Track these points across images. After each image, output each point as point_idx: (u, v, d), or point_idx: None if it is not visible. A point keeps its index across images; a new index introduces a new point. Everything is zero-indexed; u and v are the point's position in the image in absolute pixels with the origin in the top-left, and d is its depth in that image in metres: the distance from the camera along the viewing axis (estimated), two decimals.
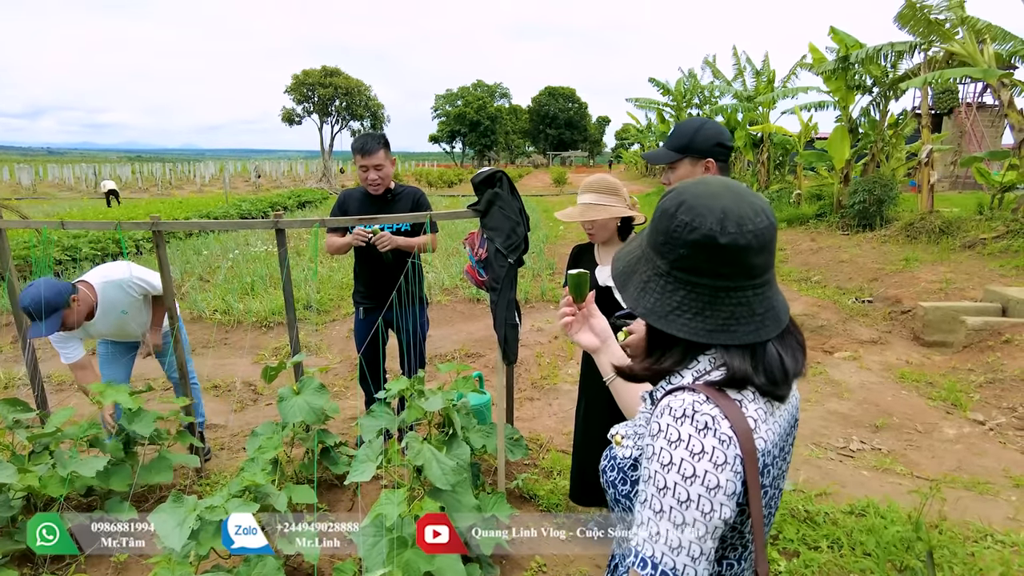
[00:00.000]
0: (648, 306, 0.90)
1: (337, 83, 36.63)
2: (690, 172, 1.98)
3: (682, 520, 0.80)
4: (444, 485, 1.95)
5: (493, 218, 2.91)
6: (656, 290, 0.90)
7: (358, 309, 3.43)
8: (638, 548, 0.82)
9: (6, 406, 2.72)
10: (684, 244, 0.86)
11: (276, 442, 2.66)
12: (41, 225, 3.01)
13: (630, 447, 0.97)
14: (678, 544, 0.80)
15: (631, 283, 0.94)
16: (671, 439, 0.82)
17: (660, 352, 0.93)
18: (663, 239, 0.89)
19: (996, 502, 3.09)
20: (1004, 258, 7.60)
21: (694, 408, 0.83)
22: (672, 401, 0.85)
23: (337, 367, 5.26)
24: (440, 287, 7.74)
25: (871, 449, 3.74)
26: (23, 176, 34.05)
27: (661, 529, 0.81)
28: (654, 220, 0.92)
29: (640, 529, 0.83)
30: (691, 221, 0.85)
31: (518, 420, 4.19)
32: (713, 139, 1.92)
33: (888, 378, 4.87)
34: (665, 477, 0.82)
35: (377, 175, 3.13)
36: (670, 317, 0.88)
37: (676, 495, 0.81)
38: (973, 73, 9.01)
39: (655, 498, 0.82)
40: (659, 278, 0.90)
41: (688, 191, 0.90)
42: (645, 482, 0.85)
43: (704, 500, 0.80)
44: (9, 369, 5.15)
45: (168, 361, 3.35)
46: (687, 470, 0.81)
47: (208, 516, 2.06)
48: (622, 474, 0.97)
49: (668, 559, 0.80)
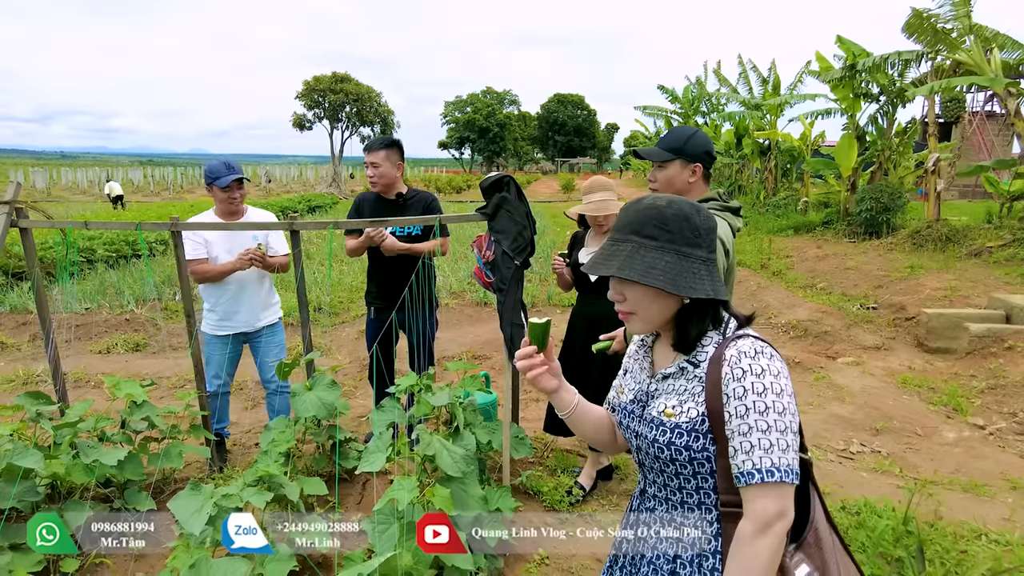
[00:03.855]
0: (711, 288, 1.10)
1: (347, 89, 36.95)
2: (679, 173, 2.08)
3: (785, 426, 1.03)
4: (455, 472, 2.04)
5: (500, 221, 3.00)
6: (707, 274, 1.11)
7: (370, 309, 3.53)
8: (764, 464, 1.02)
9: (29, 399, 2.82)
10: (711, 230, 1.13)
11: (289, 436, 2.76)
12: (65, 225, 3.13)
13: (689, 409, 1.12)
14: (788, 445, 1.03)
15: (685, 280, 1.10)
16: (757, 372, 1.05)
17: (708, 319, 1.14)
18: (697, 234, 1.11)
19: (993, 503, 3.14)
20: (1010, 266, 7.63)
21: (759, 345, 1.08)
22: (739, 347, 1.08)
23: (347, 367, 5.36)
24: (448, 291, 7.84)
25: (871, 452, 3.79)
26: (37, 179, 34.52)
27: (775, 439, 1.02)
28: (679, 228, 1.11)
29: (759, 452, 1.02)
30: (708, 216, 1.14)
31: (524, 421, 4.27)
32: (703, 147, 2.05)
33: (890, 383, 4.92)
34: (765, 400, 1.03)
35: (374, 172, 3.27)
36: (721, 290, 1.11)
37: (778, 407, 1.03)
38: (980, 81, 9.05)
39: (764, 418, 1.03)
40: (703, 264, 1.11)
41: (682, 200, 1.14)
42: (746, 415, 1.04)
43: (792, 405, 1.06)
44: (28, 367, 5.28)
45: (260, 362, 3.53)
46: (775, 385, 1.04)
47: (224, 503, 2.15)
48: (694, 433, 1.11)
49: (785, 458, 1.02)
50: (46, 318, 3.14)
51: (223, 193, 3.21)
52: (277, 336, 3.57)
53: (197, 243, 3.25)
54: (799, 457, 1.13)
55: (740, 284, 8.61)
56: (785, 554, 1.06)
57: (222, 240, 3.30)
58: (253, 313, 3.42)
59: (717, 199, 2.12)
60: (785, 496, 1.02)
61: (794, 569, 1.07)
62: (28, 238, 3.08)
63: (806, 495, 1.17)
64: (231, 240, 3.30)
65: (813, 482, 1.19)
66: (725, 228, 2.01)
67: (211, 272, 3.20)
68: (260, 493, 2.22)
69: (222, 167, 3.24)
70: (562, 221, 17.99)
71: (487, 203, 3.04)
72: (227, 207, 3.26)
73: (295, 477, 2.66)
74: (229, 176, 3.18)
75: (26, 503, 2.40)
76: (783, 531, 1.02)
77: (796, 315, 6.60)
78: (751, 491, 1.03)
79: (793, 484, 1.02)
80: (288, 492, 2.36)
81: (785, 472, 1.01)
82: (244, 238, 3.31)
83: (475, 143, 68.30)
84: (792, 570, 1.07)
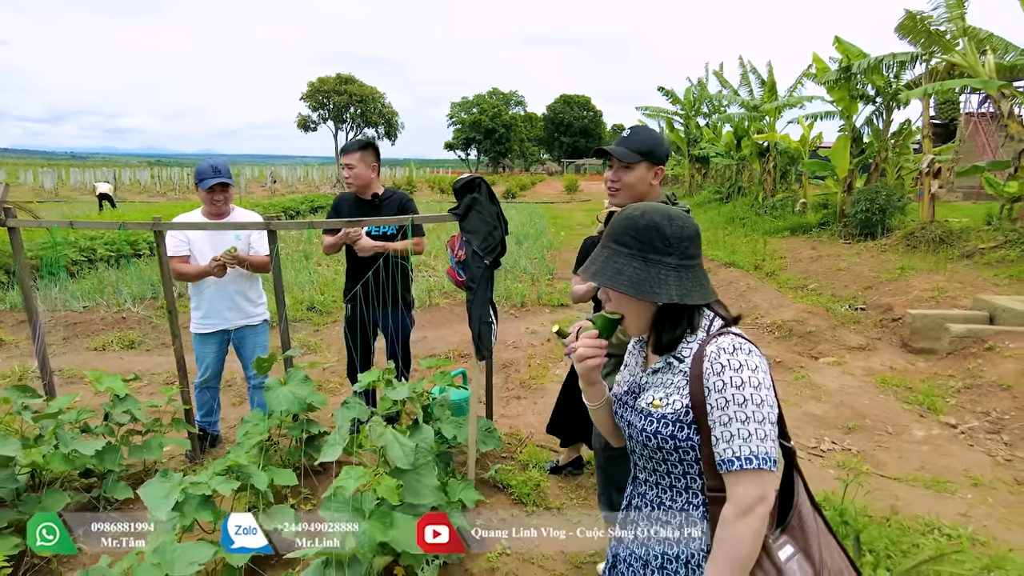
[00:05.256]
0: (676, 292, 1.18)
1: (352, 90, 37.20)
2: (644, 176, 2.11)
3: (764, 417, 1.11)
4: (404, 464, 2.13)
5: (471, 221, 3.09)
6: (675, 280, 1.19)
7: (347, 306, 3.63)
8: (743, 452, 1.10)
9: (16, 392, 2.94)
10: (684, 239, 1.21)
11: (262, 429, 2.86)
12: (51, 224, 3.24)
13: (674, 401, 1.21)
14: (766, 435, 1.11)
15: (649, 286, 1.19)
16: (736, 367, 1.13)
17: (684, 321, 1.23)
18: (667, 242, 1.20)
19: (952, 499, 3.21)
20: (999, 268, 7.65)
21: (738, 342, 1.16)
22: (720, 344, 1.16)
23: (335, 365, 5.46)
24: (439, 291, 7.93)
25: (841, 449, 3.86)
26: (46, 180, 34.90)
27: (754, 429, 1.10)
28: (647, 237, 1.21)
29: (738, 441, 1.11)
30: (683, 224, 1.22)
31: (503, 417, 4.36)
32: (666, 151, 2.13)
33: (869, 383, 4.97)
34: (743, 392, 1.12)
35: (349, 173, 3.39)
36: (692, 294, 1.20)
37: (755, 399, 1.12)
38: (973, 83, 9.07)
39: (742, 410, 1.11)
40: (672, 271, 1.20)
41: (656, 209, 1.23)
42: (726, 407, 1.12)
43: (771, 396, 1.14)
44: (24, 363, 5.41)
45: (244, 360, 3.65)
46: (753, 379, 1.13)
47: (192, 491, 2.25)
48: (679, 424, 1.20)
49: (763, 447, 1.10)
50: (33, 314, 3.26)
51: (206, 195, 3.33)
52: (261, 336, 3.67)
53: (180, 241, 3.37)
54: (783, 445, 1.25)
55: (731, 284, 8.67)
56: (770, 537, 1.15)
57: (205, 239, 3.41)
58: (236, 311, 3.52)
59: (667, 201, 2.20)
60: (764, 481, 1.10)
61: (778, 551, 1.15)
62: (16, 237, 3.20)
63: (791, 482, 1.26)
64: (214, 239, 3.40)
65: (797, 469, 1.27)
66: None
67: (188, 272, 3.31)
68: (227, 481, 2.32)
69: (209, 169, 3.35)
70: (562, 222, 18.07)
71: (459, 204, 3.13)
72: (210, 208, 3.37)
73: (268, 468, 2.76)
74: (212, 180, 3.29)
75: (6, 490, 2.52)
76: (764, 514, 1.10)
77: (782, 315, 6.66)
78: (732, 477, 1.11)
79: (772, 471, 1.10)
80: (256, 481, 2.46)
81: (763, 459, 1.09)
82: (227, 238, 3.41)
83: (481, 144, 68.45)
84: (776, 552, 1.15)
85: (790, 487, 1.25)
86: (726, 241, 12.13)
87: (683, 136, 23.55)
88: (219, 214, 3.39)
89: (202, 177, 3.32)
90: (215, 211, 3.37)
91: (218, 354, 3.59)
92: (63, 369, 5.27)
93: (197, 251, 3.39)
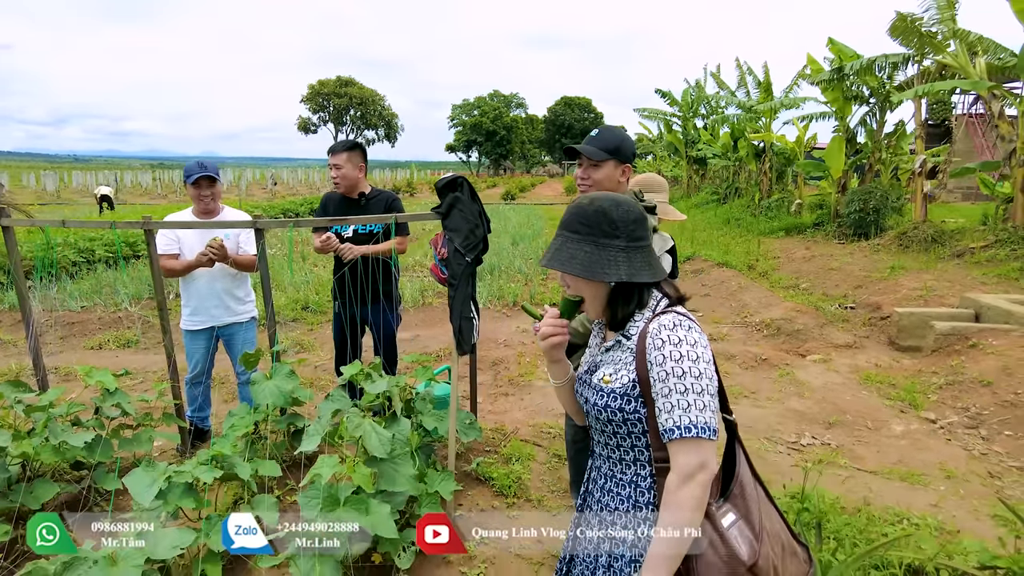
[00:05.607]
0: (625, 272, 1.26)
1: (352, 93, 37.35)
2: (612, 173, 2.20)
3: (701, 388, 1.18)
4: (380, 453, 2.20)
5: (453, 220, 3.17)
6: (624, 260, 1.27)
7: (334, 304, 3.71)
8: (682, 422, 1.18)
9: (9, 387, 3.02)
10: (631, 222, 1.29)
11: (248, 421, 2.93)
12: (44, 224, 3.32)
13: (622, 376, 1.29)
14: (704, 405, 1.18)
15: (603, 268, 1.28)
16: (675, 341, 1.21)
17: (633, 299, 1.32)
18: (614, 227, 1.28)
19: (925, 491, 3.27)
20: (989, 267, 7.71)
21: (678, 320, 1.24)
22: (661, 321, 1.25)
23: (327, 363, 5.53)
24: (433, 291, 8.01)
25: (820, 444, 3.92)
26: (48, 182, 35.09)
27: (692, 400, 1.18)
28: (595, 222, 1.30)
29: (678, 412, 1.18)
30: (628, 209, 1.30)
31: (491, 413, 4.44)
32: (632, 149, 2.21)
33: (852, 380, 5.04)
34: (682, 365, 1.19)
35: (336, 173, 3.48)
36: (641, 273, 1.27)
37: (694, 372, 1.19)
38: (963, 85, 9.14)
39: (681, 382, 1.19)
40: (621, 252, 1.28)
41: (603, 196, 1.32)
42: (666, 380, 1.20)
43: (709, 368, 1.21)
44: (21, 361, 5.49)
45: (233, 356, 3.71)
46: (691, 353, 1.20)
47: (176, 479, 2.33)
48: (627, 397, 1.27)
49: (701, 417, 1.17)
50: (27, 311, 3.34)
51: (193, 190, 3.41)
52: (249, 333, 3.75)
53: (169, 239, 3.45)
54: (724, 418, 1.34)
55: (722, 284, 8.73)
56: (713, 505, 1.23)
57: (195, 238, 3.49)
58: (224, 309, 3.60)
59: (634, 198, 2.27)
60: (704, 450, 1.17)
61: (721, 518, 1.23)
62: (10, 236, 3.28)
63: (733, 453, 1.35)
64: (203, 238, 3.48)
65: (739, 441, 1.36)
66: None
67: (176, 267, 3.39)
68: (210, 470, 2.40)
69: (195, 166, 3.44)
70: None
71: (441, 203, 3.21)
72: (198, 205, 3.45)
73: (253, 460, 2.83)
74: (197, 174, 3.37)
75: None
76: (705, 481, 1.17)
77: (771, 314, 6.73)
78: (674, 446, 1.19)
79: (711, 439, 1.17)
80: (239, 471, 2.53)
81: (702, 428, 1.16)
82: (217, 235, 3.49)
83: (482, 146, 68.60)
84: (720, 519, 1.23)
85: (732, 458, 1.34)
86: (720, 241, 12.20)
87: (681, 137, 23.62)
88: (208, 212, 3.47)
89: (188, 173, 3.40)
90: (203, 208, 3.45)
91: (207, 350, 3.67)
92: (59, 367, 5.35)
93: (187, 249, 3.47)
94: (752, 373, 5.22)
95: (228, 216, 3.58)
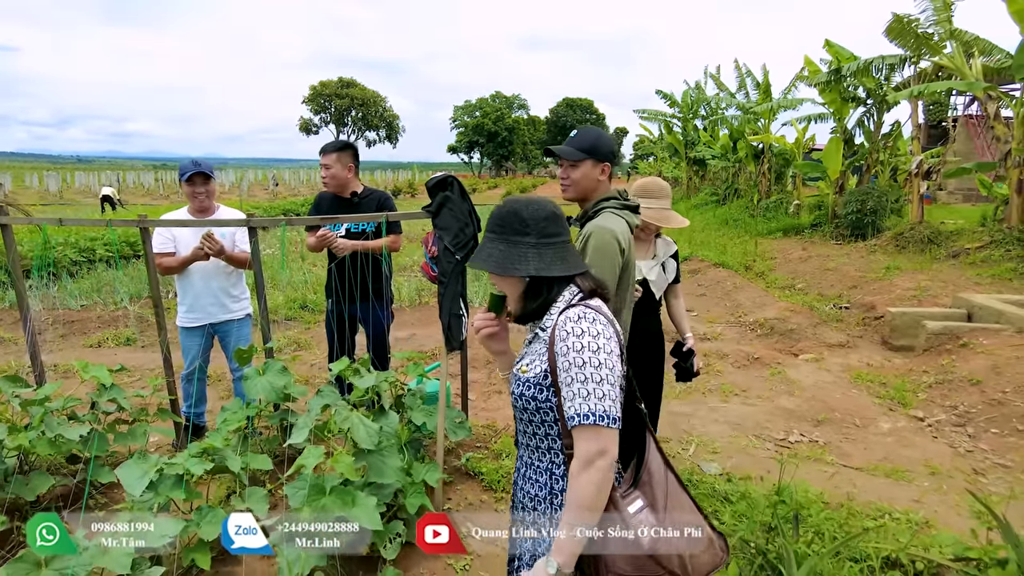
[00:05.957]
0: (534, 268, 1.34)
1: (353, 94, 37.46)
2: (589, 172, 2.22)
3: (600, 377, 1.23)
4: (368, 444, 2.25)
5: (443, 218, 3.22)
6: (534, 256, 1.35)
7: (328, 301, 3.77)
8: (581, 410, 1.22)
9: (7, 382, 3.08)
10: (541, 220, 1.36)
11: (240, 416, 2.98)
12: (41, 222, 3.38)
13: (535, 366, 1.36)
14: (604, 394, 1.23)
15: (514, 264, 1.36)
16: (578, 333, 1.26)
17: (544, 292, 1.38)
18: (524, 225, 1.36)
19: (909, 487, 3.32)
20: (983, 267, 7.75)
21: (582, 312, 1.30)
22: (567, 314, 1.30)
23: (322, 361, 5.58)
24: (430, 291, 8.05)
25: (808, 441, 3.96)
26: (51, 183, 35.23)
27: (591, 388, 1.23)
28: (508, 222, 1.38)
29: (578, 400, 1.23)
30: (539, 208, 1.38)
31: (483, 410, 4.49)
32: (609, 147, 2.21)
33: (843, 378, 5.08)
34: (582, 356, 1.24)
35: (326, 173, 3.54)
36: (552, 268, 1.34)
37: (593, 362, 1.24)
38: (959, 86, 9.17)
39: (581, 371, 1.23)
40: (531, 248, 1.35)
41: (518, 198, 1.41)
42: (568, 369, 1.25)
43: (611, 358, 1.26)
44: (20, 359, 5.55)
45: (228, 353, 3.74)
46: (592, 344, 1.25)
47: (168, 471, 2.38)
48: (539, 386, 1.34)
49: (600, 405, 1.22)
50: (24, 308, 3.40)
51: (188, 187, 3.45)
52: (244, 330, 3.80)
53: (165, 238, 3.51)
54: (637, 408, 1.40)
55: (718, 284, 8.78)
56: (618, 491, 1.29)
57: (191, 237, 3.54)
58: (219, 306, 3.65)
59: (618, 198, 2.29)
60: (603, 436, 1.22)
61: (628, 506, 1.29)
62: (8, 234, 3.33)
63: (643, 442, 1.40)
64: (198, 236, 3.54)
65: (649, 430, 1.42)
66: (623, 226, 2.18)
67: (172, 264, 3.45)
68: (201, 463, 2.45)
69: (189, 164, 3.49)
70: None
71: (432, 202, 3.26)
72: (193, 202, 3.50)
73: (245, 454, 2.88)
74: (191, 170, 3.42)
75: None
76: (605, 467, 1.21)
77: (765, 314, 6.77)
78: (576, 433, 1.24)
79: (611, 427, 1.22)
80: (230, 464, 2.58)
81: (600, 416, 1.21)
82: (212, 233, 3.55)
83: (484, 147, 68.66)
84: (626, 506, 1.29)
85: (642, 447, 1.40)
86: (718, 242, 12.24)
87: (681, 138, 23.67)
88: (203, 210, 3.52)
89: (183, 171, 3.46)
90: (198, 205, 3.50)
91: (202, 347, 3.72)
92: (58, 365, 5.42)
93: (183, 248, 3.53)
94: (744, 372, 5.26)
95: (223, 214, 3.63)
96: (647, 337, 2.84)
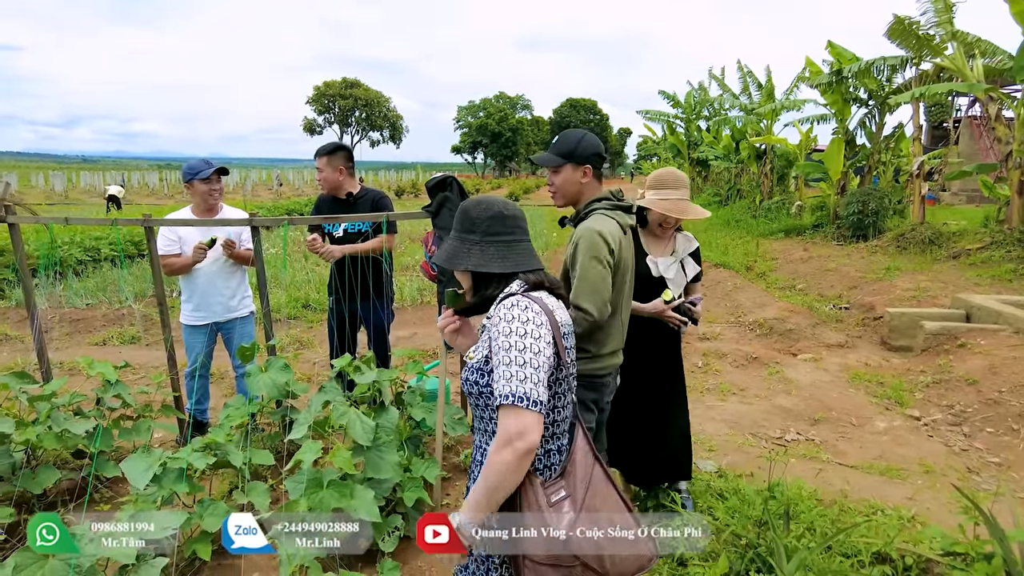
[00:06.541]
0: (475, 262, 1.43)
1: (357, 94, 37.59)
2: (571, 176, 2.23)
3: (524, 361, 1.27)
4: (364, 441, 2.30)
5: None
6: (477, 252, 1.44)
7: (329, 299, 3.82)
8: (504, 391, 1.26)
9: (14, 378, 3.14)
10: (486, 219, 1.45)
11: (243, 412, 3.04)
12: (48, 221, 3.44)
13: (480, 352, 1.42)
14: (526, 377, 1.26)
15: (458, 259, 1.45)
16: (507, 319, 1.32)
17: (486, 286, 1.46)
18: (472, 224, 1.46)
19: (902, 485, 3.35)
20: (984, 268, 7.77)
21: (516, 300, 1.36)
22: (504, 303, 1.37)
23: (326, 360, 5.64)
24: (432, 290, 8.11)
25: (805, 440, 4.00)
26: (57, 183, 35.41)
27: (515, 371, 1.26)
28: (460, 219, 1.48)
29: (502, 381, 1.27)
30: (486, 208, 1.47)
31: None
32: (591, 149, 2.20)
33: (841, 378, 5.11)
34: (509, 340, 1.29)
35: (319, 176, 3.64)
36: (491, 264, 1.42)
37: (519, 346, 1.28)
38: (960, 88, 9.18)
39: (507, 354, 1.28)
40: (475, 245, 1.44)
41: (473, 198, 1.52)
42: (498, 353, 1.30)
43: (538, 343, 1.30)
44: (27, 357, 5.63)
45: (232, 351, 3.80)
46: (520, 329, 1.30)
47: (171, 464, 2.43)
48: (479, 371, 1.40)
49: (522, 387, 1.25)
50: (31, 305, 3.46)
51: (204, 185, 3.49)
52: (248, 328, 3.86)
53: (170, 239, 3.56)
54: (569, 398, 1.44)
55: (718, 284, 8.81)
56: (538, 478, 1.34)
57: (195, 235, 3.60)
58: (223, 303, 3.71)
59: (610, 198, 2.31)
60: (523, 418, 1.24)
61: (551, 495, 1.32)
62: (16, 233, 3.40)
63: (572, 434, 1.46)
64: (204, 236, 3.60)
65: (579, 422, 1.47)
66: (612, 226, 2.20)
67: (176, 264, 3.50)
68: (203, 457, 2.50)
69: (200, 163, 3.54)
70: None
71: (432, 201, 3.31)
72: (207, 200, 3.54)
73: (247, 450, 2.94)
74: (208, 170, 3.48)
75: (2, 465, 2.71)
76: (521, 449, 1.23)
77: (764, 314, 6.80)
78: (500, 413, 1.28)
79: (531, 409, 1.24)
80: (232, 459, 2.64)
81: (519, 398, 1.25)
82: (215, 233, 3.61)
83: (488, 148, 68.76)
84: (549, 495, 1.32)
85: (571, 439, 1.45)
86: (720, 243, 12.27)
87: (684, 139, 23.69)
88: (212, 208, 3.58)
89: (198, 170, 3.48)
90: (210, 204, 3.55)
91: (206, 344, 3.78)
92: (64, 362, 5.48)
93: (189, 247, 3.58)
94: (742, 371, 5.30)
95: (227, 214, 3.69)
96: (664, 340, 2.78)
